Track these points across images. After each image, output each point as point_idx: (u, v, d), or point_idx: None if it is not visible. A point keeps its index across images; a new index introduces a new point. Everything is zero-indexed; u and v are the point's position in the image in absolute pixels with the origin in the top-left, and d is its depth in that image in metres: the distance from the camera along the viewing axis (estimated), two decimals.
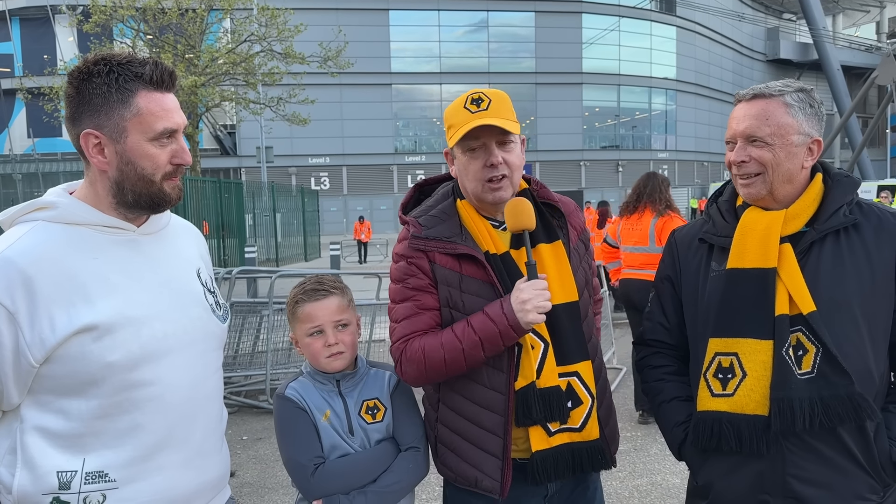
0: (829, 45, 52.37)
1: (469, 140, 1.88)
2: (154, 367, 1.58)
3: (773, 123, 1.81)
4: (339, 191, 45.35)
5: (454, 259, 1.94)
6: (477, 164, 1.90)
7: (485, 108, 1.88)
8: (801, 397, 1.73)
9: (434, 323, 1.95)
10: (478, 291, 1.92)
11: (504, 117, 1.88)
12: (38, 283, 1.47)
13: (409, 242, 1.98)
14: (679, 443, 1.99)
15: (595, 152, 49.71)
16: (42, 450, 1.51)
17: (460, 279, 1.93)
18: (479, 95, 1.91)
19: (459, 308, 1.93)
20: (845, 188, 1.86)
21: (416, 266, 1.96)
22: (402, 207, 2.14)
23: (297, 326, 2.08)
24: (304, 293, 2.07)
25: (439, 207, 2.03)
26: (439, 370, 1.90)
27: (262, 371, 6.97)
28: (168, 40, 18.00)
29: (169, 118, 1.59)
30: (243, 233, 19.55)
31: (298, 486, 2.02)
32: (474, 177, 1.92)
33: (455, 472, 2.02)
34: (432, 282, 1.96)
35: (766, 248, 1.81)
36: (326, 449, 2.01)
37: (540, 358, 1.91)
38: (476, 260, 1.92)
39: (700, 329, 1.95)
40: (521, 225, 1.87)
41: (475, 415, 1.95)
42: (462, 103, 1.92)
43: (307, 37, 19.10)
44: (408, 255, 1.98)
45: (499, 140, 1.90)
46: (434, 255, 1.95)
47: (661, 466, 5.00)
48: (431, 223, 1.99)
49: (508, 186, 1.93)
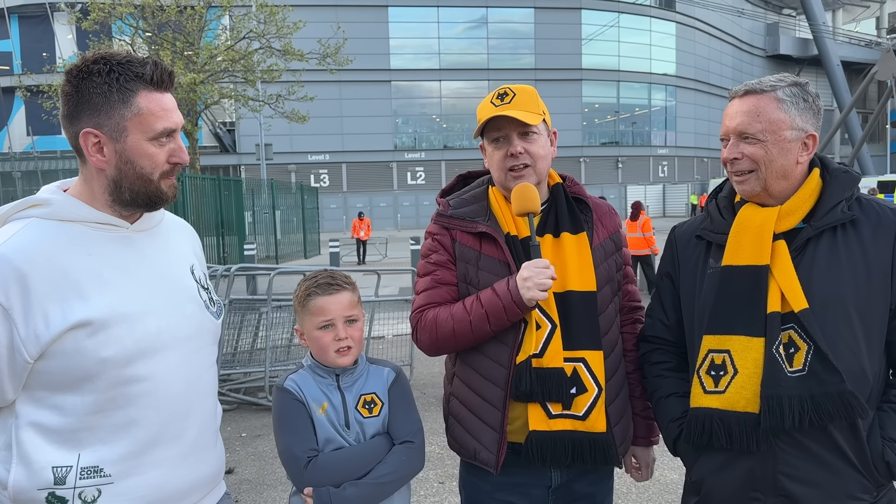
0: (829, 40, 52.37)
1: (491, 131, 2.04)
2: (148, 362, 1.59)
3: (764, 119, 1.80)
4: (339, 188, 45.36)
5: (475, 238, 2.07)
6: (500, 154, 2.04)
7: (508, 101, 2.01)
8: (790, 395, 1.72)
9: (450, 297, 2.08)
10: (494, 270, 2.02)
11: (526, 110, 2.00)
12: (32, 279, 1.47)
13: (435, 219, 2.16)
14: (674, 438, 1.99)
15: (594, 148, 49.69)
16: (37, 445, 1.52)
17: (478, 257, 2.05)
18: (505, 91, 2.05)
19: (475, 284, 2.04)
20: (843, 184, 1.84)
21: (439, 242, 2.12)
22: (441, 193, 2.28)
23: (306, 319, 2.09)
24: (316, 286, 2.09)
25: (471, 193, 2.19)
26: (449, 339, 2.03)
27: (261, 368, 6.97)
28: (167, 37, 17.99)
29: (168, 118, 1.61)
30: (243, 230, 19.54)
31: (292, 477, 2.03)
32: (498, 166, 2.05)
33: (459, 443, 2.12)
34: (452, 258, 2.10)
35: (759, 245, 1.81)
36: (321, 442, 2.02)
37: (546, 337, 1.96)
38: (495, 240, 2.03)
39: (696, 326, 1.95)
40: (526, 208, 1.96)
41: (479, 386, 2.03)
42: (490, 98, 2.06)
43: (306, 34, 19.11)
44: (434, 233, 2.15)
45: (520, 131, 2.02)
46: (456, 232, 2.10)
47: (660, 462, 4.99)
48: (460, 204, 2.15)
49: (531, 175, 2.03)
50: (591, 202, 2.15)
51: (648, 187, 49.66)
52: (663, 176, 52.12)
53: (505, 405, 1.97)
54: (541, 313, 1.97)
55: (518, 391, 1.94)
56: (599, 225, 2.13)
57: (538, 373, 1.93)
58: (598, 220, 2.13)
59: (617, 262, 2.14)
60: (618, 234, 2.17)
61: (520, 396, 1.95)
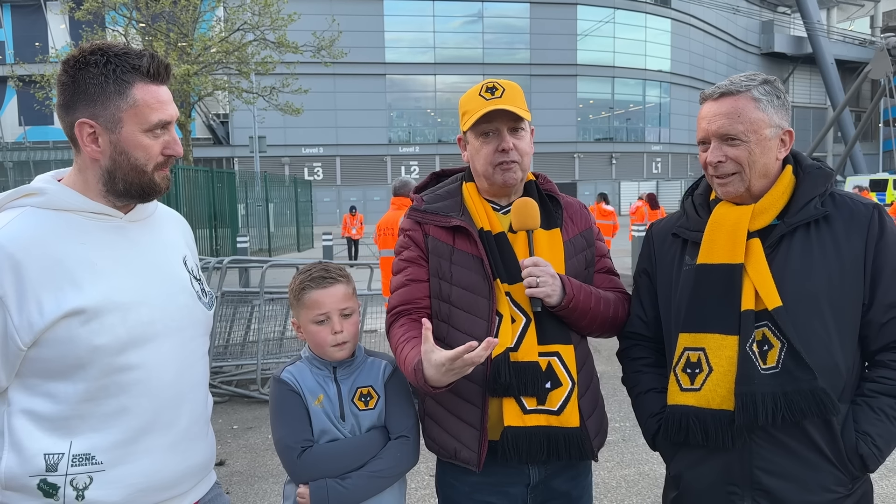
0: (824, 38, 52.47)
1: (483, 125, 2.00)
2: (141, 351, 1.61)
3: (745, 120, 1.80)
4: (333, 181, 45.24)
5: (448, 232, 2.06)
6: (489, 149, 2.01)
7: (499, 95, 1.99)
8: (764, 392, 1.73)
9: (421, 295, 2.09)
10: (467, 264, 2.02)
11: (517, 105, 2.00)
12: (26, 267, 1.49)
13: (408, 214, 2.15)
14: (653, 433, 2.01)
15: (589, 144, 49.71)
16: (29, 432, 1.53)
17: (451, 251, 2.05)
18: (493, 84, 2.02)
19: (447, 279, 2.05)
20: (816, 180, 1.85)
21: (410, 238, 2.12)
22: (415, 189, 2.27)
23: (302, 313, 2.09)
24: (311, 280, 2.08)
25: (445, 189, 2.18)
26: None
27: (253, 361, 6.98)
28: (160, 28, 17.90)
29: (164, 110, 1.63)
30: (236, 222, 19.49)
31: (286, 467, 2.05)
32: (485, 160, 2.02)
33: (437, 444, 2.09)
34: (424, 254, 2.09)
35: (733, 243, 1.82)
36: (316, 433, 2.03)
37: (520, 332, 1.96)
38: (469, 235, 2.03)
39: (672, 323, 1.96)
40: (526, 224, 1.98)
41: (456, 385, 1.98)
42: (477, 91, 2.04)
43: (301, 26, 19.02)
44: (406, 228, 2.14)
45: (510, 126, 2.01)
46: (429, 227, 2.09)
47: (649, 456, 5.04)
48: (433, 199, 2.14)
49: (518, 170, 2.03)
50: (562, 200, 2.16)
51: (642, 183, 49.67)
52: (657, 172, 52.18)
53: (484, 402, 1.97)
54: (515, 307, 1.97)
55: (496, 384, 1.93)
56: (570, 222, 2.13)
57: (515, 366, 1.93)
58: (569, 217, 2.14)
59: (587, 258, 2.14)
60: (589, 231, 2.17)
61: (497, 390, 1.93)
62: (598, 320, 2.06)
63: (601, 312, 2.05)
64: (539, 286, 1.91)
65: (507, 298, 1.98)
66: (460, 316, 2.02)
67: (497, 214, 2.07)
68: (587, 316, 2.02)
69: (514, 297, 1.98)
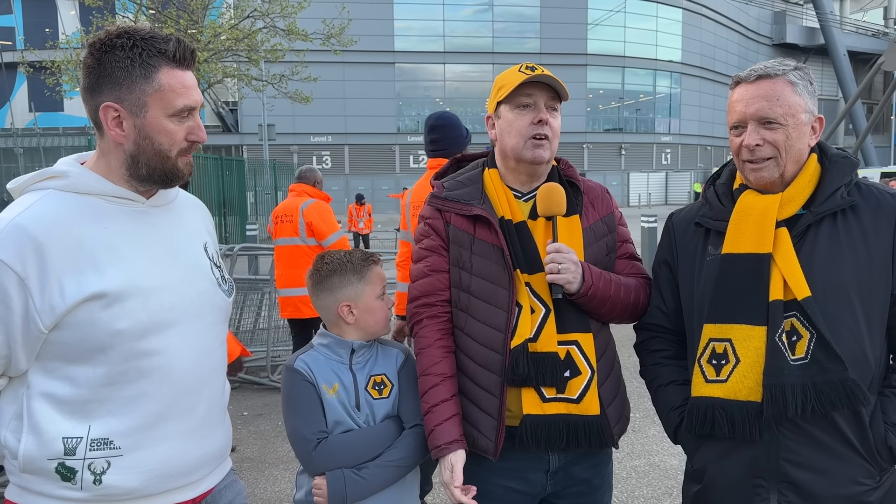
0: (836, 29, 51.97)
1: (521, 96, 1.98)
2: (161, 336, 1.60)
3: (784, 103, 1.77)
4: (342, 170, 45.25)
5: (469, 221, 2.04)
6: (525, 120, 1.98)
7: (539, 72, 1.98)
8: (793, 383, 1.71)
9: (442, 286, 2.07)
10: (487, 254, 2.00)
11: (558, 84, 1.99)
12: (49, 249, 1.48)
13: (428, 201, 2.12)
14: (674, 427, 1.99)
15: (598, 135, 49.52)
16: (48, 416, 1.53)
17: (472, 241, 2.02)
18: (532, 65, 2.01)
19: (467, 268, 2.03)
20: (842, 169, 1.83)
21: (430, 227, 2.09)
22: (436, 175, 2.23)
23: (366, 289, 2.08)
24: (369, 257, 2.11)
25: (466, 175, 2.15)
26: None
27: (263, 348, 7.00)
28: (170, 15, 17.85)
29: (189, 95, 1.62)
30: (244, 210, 19.54)
31: (301, 459, 2.04)
32: (519, 132, 1.99)
33: None
34: (444, 242, 2.07)
35: (761, 232, 1.79)
36: (331, 424, 2.02)
37: (539, 321, 1.95)
38: (489, 224, 2.00)
39: (696, 314, 1.94)
40: (551, 210, 1.97)
41: (474, 373, 2.00)
42: (516, 69, 2.02)
43: (310, 13, 18.96)
44: (426, 216, 2.11)
45: (548, 103, 2.00)
46: (450, 215, 2.07)
47: (660, 448, 5.04)
48: (454, 187, 2.11)
49: (548, 148, 2.01)
50: (582, 185, 2.13)
51: (651, 175, 49.56)
52: (667, 163, 51.97)
53: (502, 391, 1.96)
54: (534, 297, 1.96)
55: (515, 375, 1.92)
56: (590, 207, 2.11)
57: (533, 357, 1.92)
58: (590, 202, 2.12)
59: (609, 244, 2.12)
60: (611, 216, 2.14)
61: (515, 381, 1.93)
62: (619, 307, 2.04)
63: (621, 299, 2.03)
64: (560, 272, 1.90)
65: (526, 289, 1.96)
66: (480, 306, 2.00)
67: (518, 202, 2.05)
68: (607, 304, 2.00)
69: (534, 288, 1.96)
